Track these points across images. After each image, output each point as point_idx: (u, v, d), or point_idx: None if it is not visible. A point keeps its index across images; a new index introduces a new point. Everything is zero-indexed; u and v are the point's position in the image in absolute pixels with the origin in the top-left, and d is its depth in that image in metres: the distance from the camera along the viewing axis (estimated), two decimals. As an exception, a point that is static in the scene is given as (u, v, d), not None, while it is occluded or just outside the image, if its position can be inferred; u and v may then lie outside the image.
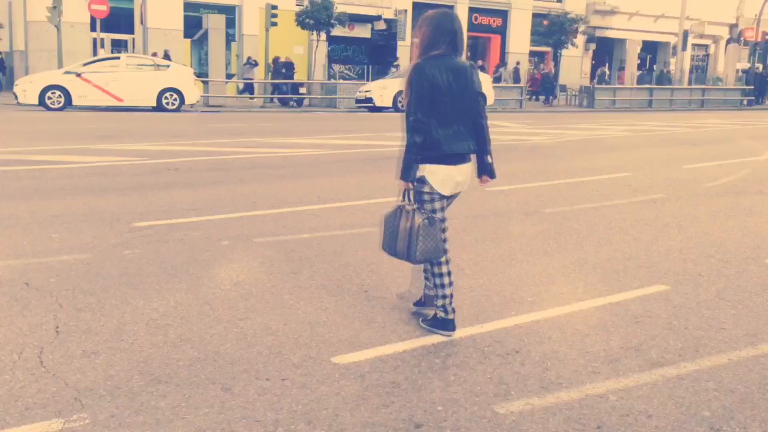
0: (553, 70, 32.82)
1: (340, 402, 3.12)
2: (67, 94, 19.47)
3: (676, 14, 35.26)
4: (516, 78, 31.73)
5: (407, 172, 3.74)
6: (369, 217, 6.81)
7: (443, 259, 3.95)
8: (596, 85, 31.46)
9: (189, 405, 3.05)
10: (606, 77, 35.27)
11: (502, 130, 17.11)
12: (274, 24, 26.39)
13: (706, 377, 3.47)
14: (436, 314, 4.00)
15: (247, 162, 10.46)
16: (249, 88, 26.96)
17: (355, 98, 24.46)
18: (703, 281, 5.07)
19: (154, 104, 20.49)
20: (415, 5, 33.82)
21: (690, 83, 38.03)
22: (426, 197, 3.83)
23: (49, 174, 8.81)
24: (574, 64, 37.14)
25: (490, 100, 25.39)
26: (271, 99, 26.01)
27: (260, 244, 5.75)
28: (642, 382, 3.39)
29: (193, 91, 21.24)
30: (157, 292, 4.50)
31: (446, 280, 3.95)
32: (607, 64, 38.44)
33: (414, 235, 3.73)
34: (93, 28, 25.47)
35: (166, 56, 24.63)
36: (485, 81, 25.94)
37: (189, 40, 28.38)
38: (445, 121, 3.75)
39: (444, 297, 3.95)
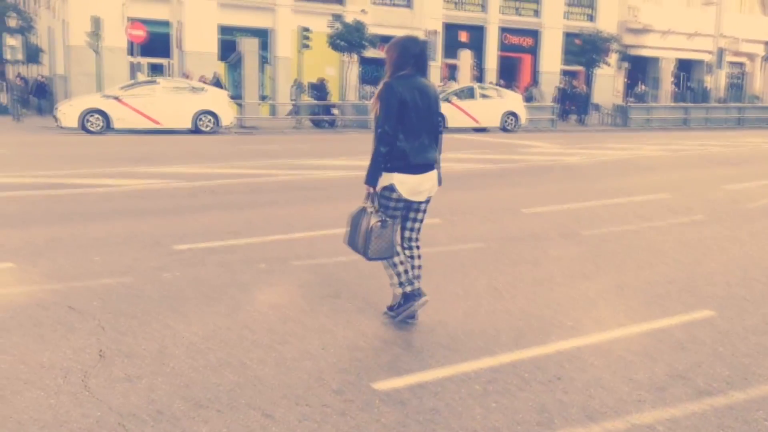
0: (585, 89, 32.60)
1: (381, 429, 3.10)
2: (106, 118, 19.88)
3: (711, 32, 34.89)
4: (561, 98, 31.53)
5: (374, 178, 4.21)
6: (405, 239, 6.79)
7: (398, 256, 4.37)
8: (633, 104, 31.14)
9: (230, 431, 3.05)
10: (646, 96, 34.90)
11: (534, 150, 17.03)
12: (307, 46, 26.69)
13: (756, 406, 3.38)
14: (400, 299, 4.37)
15: (282, 184, 10.54)
16: (297, 110, 27.29)
17: (387, 119, 24.53)
18: (748, 306, 4.95)
19: (191, 126, 20.82)
20: (447, 26, 33.99)
21: (726, 101, 37.46)
22: (392, 204, 4.28)
23: (89, 197, 8.98)
24: (607, 82, 36.87)
25: (522, 120, 25.30)
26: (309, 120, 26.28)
27: (297, 267, 5.77)
28: (690, 412, 3.31)
29: (228, 113, 21.54)
30: (197, 315, 4.53)
31: (401, 268, 4.36)
32: (639, 82, 38.10)
33: (368, 235, 4.19)
34: (131, 53, 26.04)
35: (217, 82, 25.12)
36: (515, 100, 25.88)
37: (224, 63, 28.83)
38: (412, 134, 4.19)
39: (399, 275, 4.35)
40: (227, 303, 4.80)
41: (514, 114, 25.04)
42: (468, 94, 24.95)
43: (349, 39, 27.44)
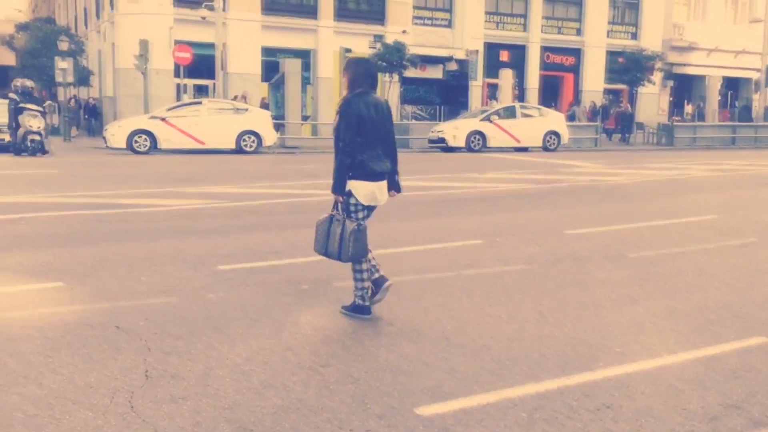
0: (629, 108, 32.20)
1: (426, 456, 3.06)
2: (152, 138, 20.32)
3: (758, 49, 34.19)
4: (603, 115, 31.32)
5: (340, 187, 4.71)
6: (446, 261, 6.76)
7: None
8: (678, 122, 30.66)
9: (274, 455, 3.04)
10: (700, 113, 34.34)
11: (577, 170, 16.83)
12: (349, 67, 26.94)
13: (816, 441, 3.24)
14: (355, 302, 4.93)
15: (325, 204, 10.50)
16: None
17: (428, 138, 24.60)
18: (805, 333, 4.78)
19: (234, 146, 21.13)
20: (488, 45, 33.99)
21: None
22: (352, 208, 4.79)
23: (136, 217, 9.15)
24: (651, 101, 36.38)
25: (564, 139, 25.06)
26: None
27: (339, 288, 5.76)
28: (746, 445, 3.19)
29: (270, 133, 21.83)
30: (241, 336, 4.56)
31: (365, 275, 4.88)
32: (686, 102, 37.46)
33: (345, 239, 4.65)
34: (177, 74, 26.64)
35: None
36: (557, 119, 25.67)
37: (267, 84, 29.27)
38: (369, 145, 4.70)
39: (363, 289, 4.89)
40: (270, 324, 4.82)
41: (555, 133, 24.82)
42: (509, 113, 24.85)
43: (389, 59, 27.67)
